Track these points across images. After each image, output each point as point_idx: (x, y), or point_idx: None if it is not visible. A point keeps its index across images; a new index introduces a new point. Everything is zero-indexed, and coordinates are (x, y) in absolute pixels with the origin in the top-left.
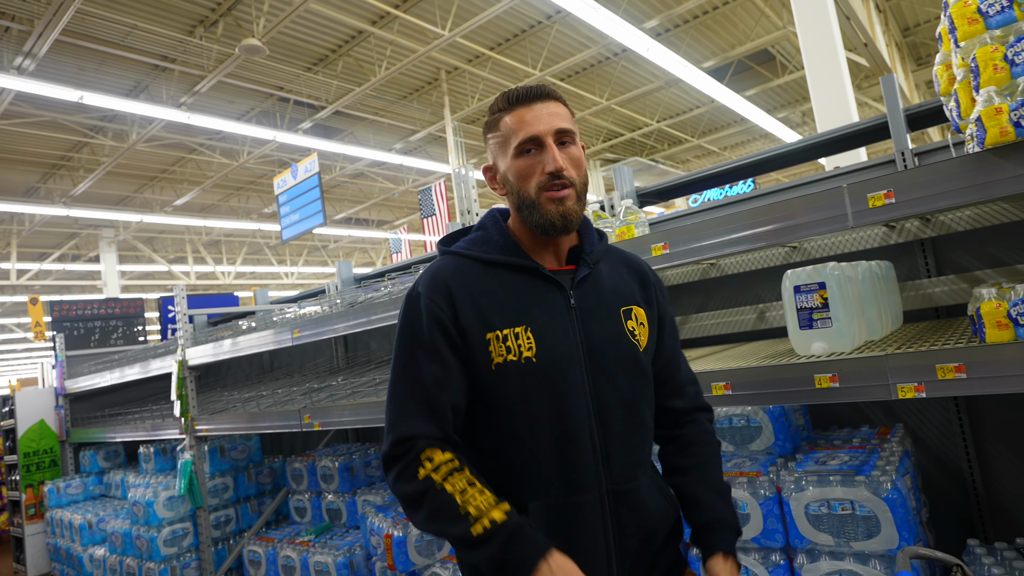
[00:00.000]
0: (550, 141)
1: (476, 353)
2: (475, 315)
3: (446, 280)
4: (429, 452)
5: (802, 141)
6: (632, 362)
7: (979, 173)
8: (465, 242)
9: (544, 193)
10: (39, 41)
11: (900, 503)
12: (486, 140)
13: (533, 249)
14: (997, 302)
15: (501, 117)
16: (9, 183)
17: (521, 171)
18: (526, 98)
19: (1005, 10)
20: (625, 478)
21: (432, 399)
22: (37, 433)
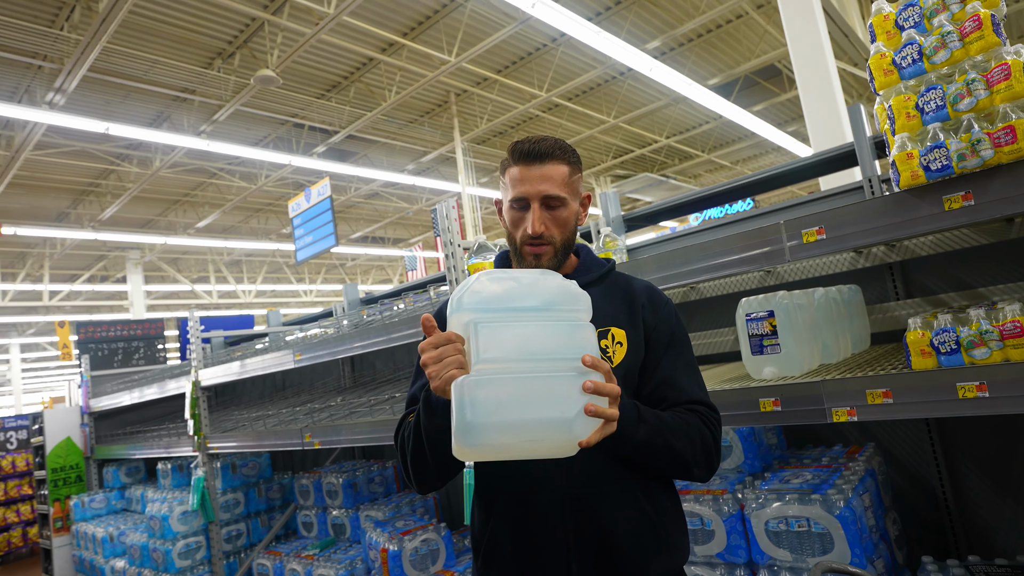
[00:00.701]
0: (535, 205)
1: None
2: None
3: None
4: (410, 417)
5: (777, 168)
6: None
7: (899, 212)
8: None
9: (525, 246)
10: (68, 78)
11: (852, 521)
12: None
13: None
14: (922, 331)
15: (508, 167)
16: (42, 209)
17: (512, 221)
18: (527, 157)
19: (916, 62)
20: (586, 483)
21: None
22: (64, 450)
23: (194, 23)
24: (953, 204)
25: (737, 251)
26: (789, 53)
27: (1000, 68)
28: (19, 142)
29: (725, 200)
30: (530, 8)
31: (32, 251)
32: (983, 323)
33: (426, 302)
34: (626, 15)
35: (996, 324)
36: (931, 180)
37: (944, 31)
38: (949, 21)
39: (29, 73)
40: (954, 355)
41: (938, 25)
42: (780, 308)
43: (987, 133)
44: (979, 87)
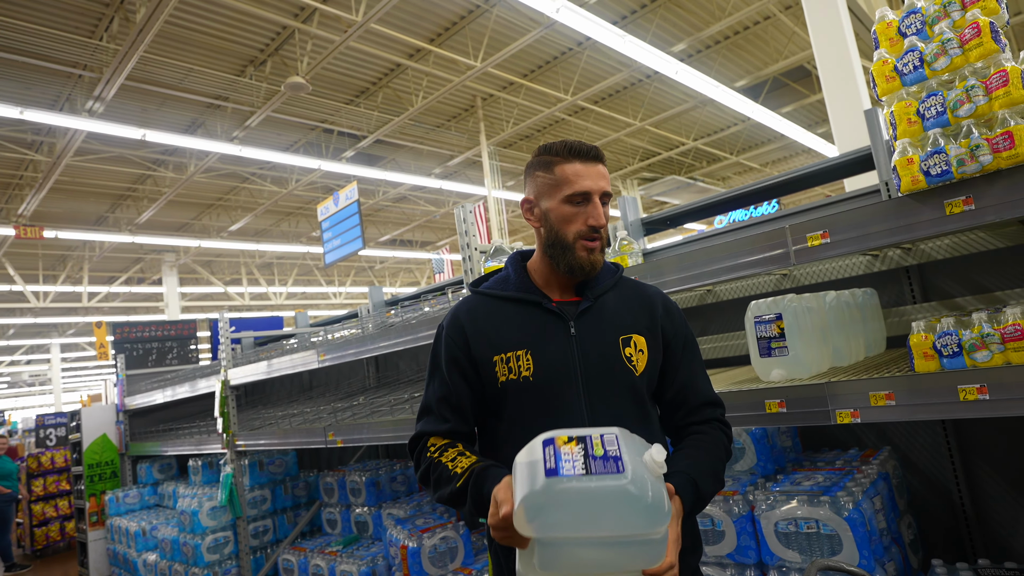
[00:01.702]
0: (596, 199)
1: (487, 374)
2: (485, 343)
3: (462, 318)
4: (432, 440)
5: (799, 170)
6: (628, 386)
7: (901, 216)
8: (490, 282)
9: (581, 241)
10: (107, 87)
11: (861, 523)
12: (532, 174)
13: (546, 283)
14: (925, 334)
15: (558, 163)
16: (82, 213)
17: (565, 216)
18: (586, 156)
19: (917, 69)
20: None
21: (439, 409)
22: (100, 446)
23: (227, 32)
24: (954, 209)
25: (744, 255)
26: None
27: (999, 75)
28: (60, 148)
29: (746, 203)
30: (554, 13)
31: (72, 254)
32: (985, 326)
33: (445, 304)
34: (652, 18)
35: (997, 327)
36: (931, 185)
37: (944, 38)
38: (950, 28)
39: (70, 82)
40: (956, 358)
41: (939, 32)
42: (788, 311)
43: (986, 139)
44: (978, 93)
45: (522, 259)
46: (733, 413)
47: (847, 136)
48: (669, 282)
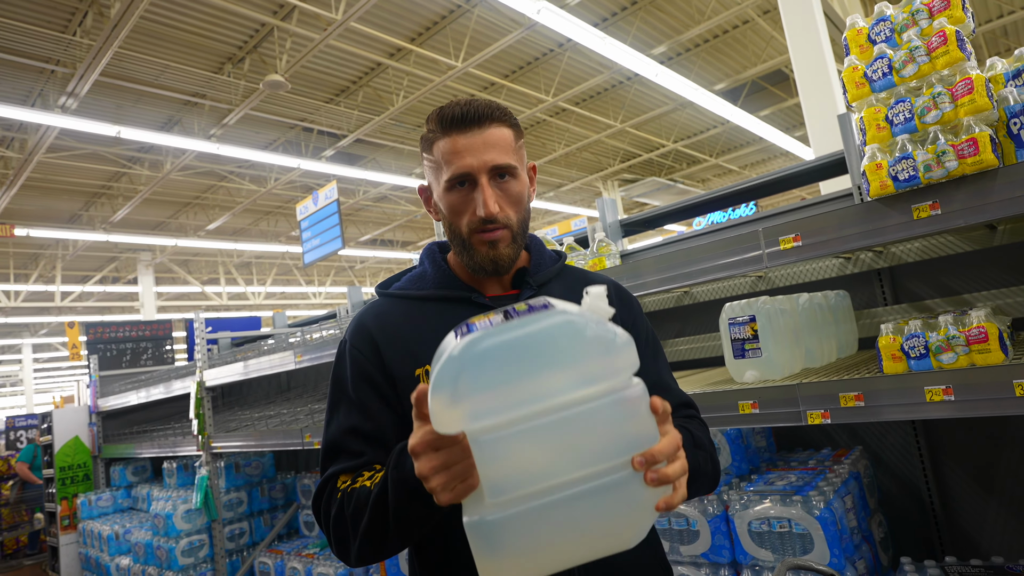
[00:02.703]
0: (484, 180)
1: (408, 392)
2: (402, 354)
3: (368, 325)
4: (342, 477)
5: (774, 173)
6: None
7: (870, 220)
8: (402, 282)
9: (476, 235)
10: (81, 82)
11: (832, 522)
12: (422, 156)
13: (470, 279)
14: (893, 336)
15: (434, 140)
16: (54, 211)
17: (453, 206)
18: (460, 122)
19: (886, 76)
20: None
21: (349, 443)
22: (72, 449)
23: (204, 29)
24: (921, 213)
25: (720, 257)
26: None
27: (964, 82)
28: (32, 145)
29: (725, 205)
30: (535, 14)
31: (44, 252)
32: (951, 329)
33: None
34: (632, 21)
35: (963, 330)
36: (899, 190)
37: (912, 46)
38: (918, 36)
39: (42, 77)
40: (923, 359)
41: (907, 40)
42: (761, 313)
43: (952, 145)
44: (945, 100)
45: (440, 250)
46: (708, 414)
47: (822, 140)
48: (648, 283)
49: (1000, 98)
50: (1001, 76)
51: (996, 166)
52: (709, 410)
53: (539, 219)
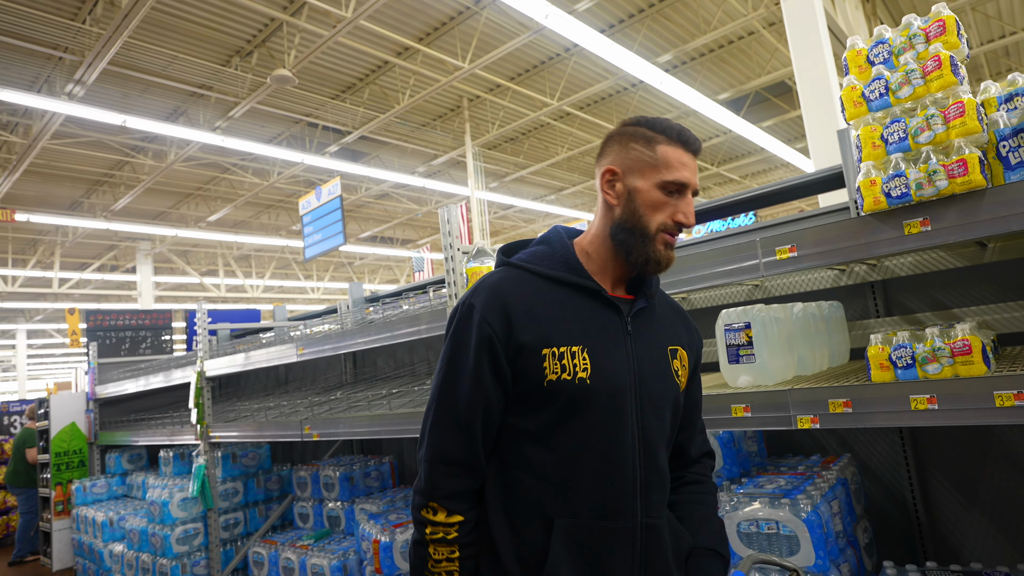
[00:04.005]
0: (689, 195)
1: (530, 368)
2: (533, 330)
3: (504, 294)
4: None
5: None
6: (673, 400)
7: (863, 234)
8: (526, 254)
9: (663, 234)
10: (89, 70)
11: (818, 525)
12: (625, 145)
13: (601, 271)
14: (881, 347)
15: (662, 142)
16: (55, 197)
17: (655, 203)
18: (690, 145)
19: (883, 96)
20: (657, 512)
21: (462, 422)
22: (68, 435)
23: (214, 21)
24: (912, 229)
25: (717, 264)
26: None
27: (956, 105)
28: (37, 131)
29: (725, 214)
30: (544, 19)
31: (44, 238)
32: (937, 340)
33: (426, 303)
34: (639, 28)
35: (948, 342)
36: (892, 206)
37: (909, 68)
38: (914, 59)
39: (50, 64)
40: (909, 369)
41: (904, 63)
42: (756, 320)
43: (943, 165)
44: (937, 122)
45: (567, 235)
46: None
47: (822, 153)
48: None
49: (991, 121)
50: (994, 99)
51: (984, 186)
52: (703, 412)
53: (540, 222)
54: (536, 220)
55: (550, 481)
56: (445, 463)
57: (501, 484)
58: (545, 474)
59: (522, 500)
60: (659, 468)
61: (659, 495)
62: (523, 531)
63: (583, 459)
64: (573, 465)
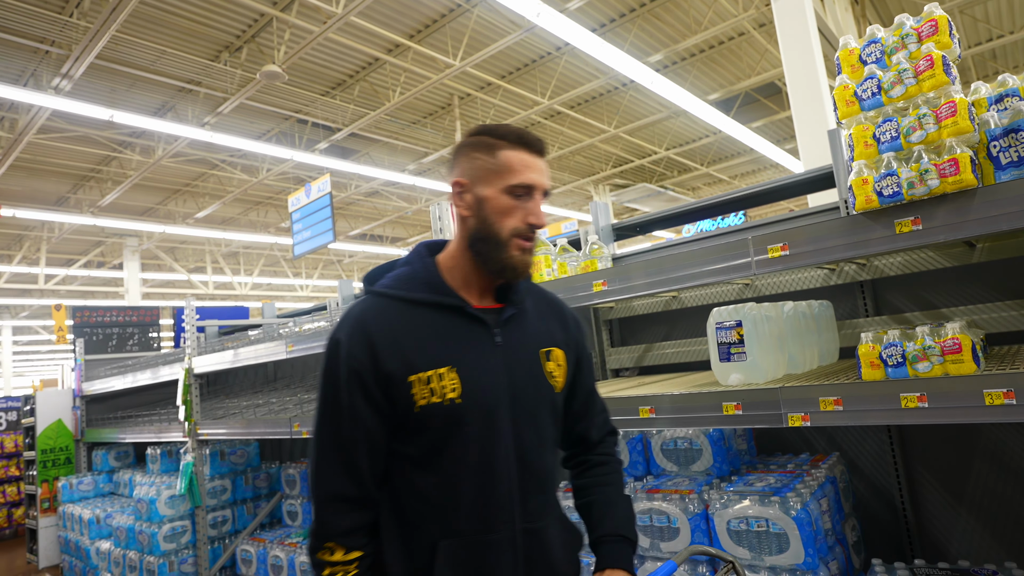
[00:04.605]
0: (539, 196)
1: (400, 396)
2: (398, 358)
3: (367, 325)
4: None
5: (764, 184)
6: (550, 403)
7: (855, 233)
8: (389, 279)
9: (516, 239)
10: (76, 64)
11: (808, 523)
12: (468, 155)
13: (465, 284)
14: (872, 345)
15: (503, 148)
16: (41, 192)
17: (504, 209)
18: (533, 147)
19: (875, 95)
20: (538, 516)
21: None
22: (55, 431)
23: (203, 16)
24: (903, 228)
25: (710, 263)
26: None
27: (948, 105)
28: (23, 125)
29: (715, 213)
30: (535, 17)
31: (30, 234)
32: (927, 339)
33: None
34: (630, 28)
35: (938, 340)
36: (883, 205)
37: (901, 68)
38: (906, 59)
39: (36, 58)
40: (900, 368)
41: (896, 62)
42: (748, 318)
43: (934, 164)
44: (929, 121)
45: (429, 252)
46: (693, 414)
47: (812, 153)
48: (637, 286)
49: (982, 121)
50: (984, 100)
51: (975, 186)
52: (695, 410)
53: None
54: None
55: (432, 503)
56: (335, 501)
57: (392, 512)
58: (428, 497)
59: (411, 525)
60: (536, 473)
61: (538, 499)
62: (415, 556)
63: (461, 477)
64: (453, 485)
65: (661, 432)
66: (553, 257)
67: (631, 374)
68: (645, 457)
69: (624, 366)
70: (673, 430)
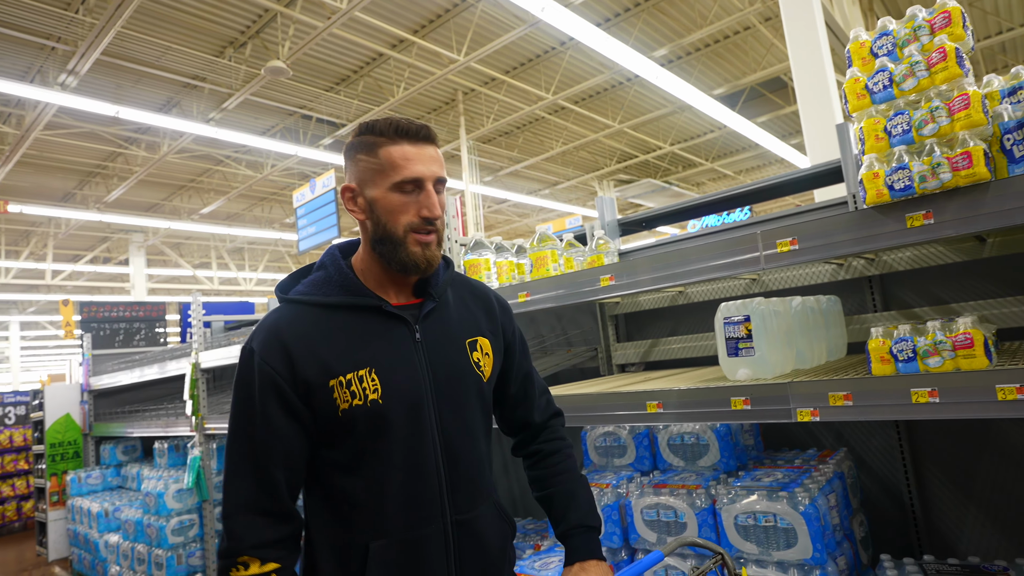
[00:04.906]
0: (430, 187)
1: (320, 402)
2: (316, 364)
3: (282, 333)
4: (247, 559)
5: (771, 179)
6: (477, 393)
7: (865, 227)
8: (305, 285)
9: (413, 234)
10: (81, 60)
11: (816, 518)
12: (353, 158)
13: (380, 284)
14: (882, 340)
15: (383, 145)
16: (48, 188)
17: (394, 207)
18: (415, 136)
19: (887, 88)
20: (468, 507)
21: (260, 471)
22: (63, 426)
23: (208, 11)
24: (915, 222)
25: (718, 257)
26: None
27: (961, 98)
28: (29, 122)
29: (721, 208)
30: (539, 12)
31: (36, 230)
32: (938, 334)
33: None
34: (635, 22)
35: (950, 335)
36: (895, 199)
37: (913, 60)
38: (919, 51)
39: (42, 54)
40: (910, 363)
41: (908, 55)
42: (756, 313)
43: (947, 157)
44: (942, 114)
45: (343, 255)
46: (702, 408)
47: (819, 148)
48: (644, 281)
49: (995, 114)
50: (997, 93)
51: (988, 179)
52: (703, 405)
53: (534, 216)
54: (530, 214)
55: (362, 506)
56: (249, 513)
57: (321, 518)
58: (357, 500)
59: (341, 529)
60: (465, 465)
61: (468, 491)
62: (347, 562)
63: (390, 478)
64: (381, 485)
65: (668, 427)
66: (560, 252)
67: (637, 369)
68: (652, 452)
69: (630, 361)
70: (680, 425)
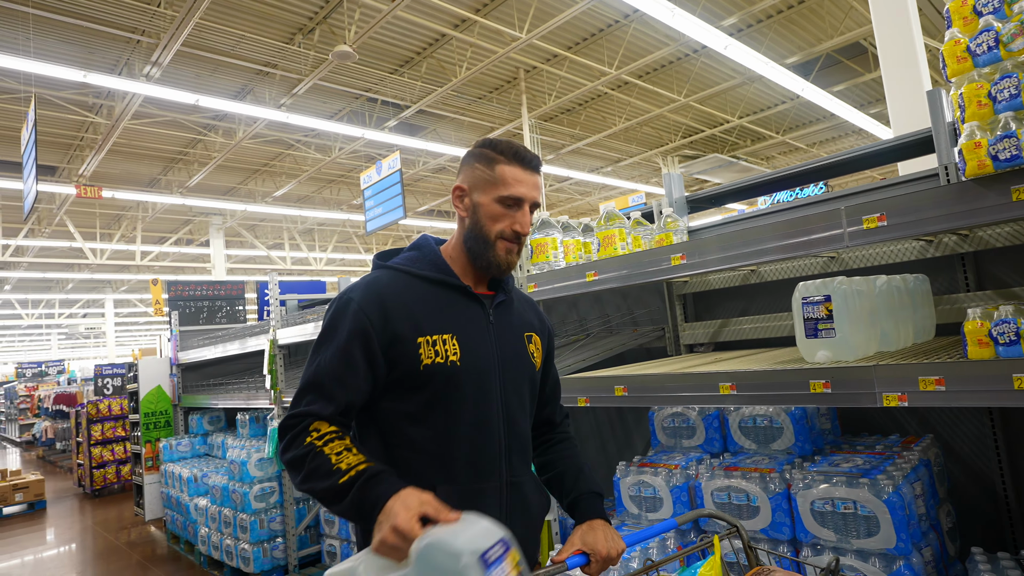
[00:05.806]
0: (527, 207)
1: (407, 355)
2: (408, 321)
3: (380, 290)
4: (317, 424)
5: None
6: (530, 378)
7: (962, 201)
8: (400, 259)
9: (502, 241)
10: (164, 52)
11: (900, 506)
12: (471, 165)
13: (464, 272)
14: (980, 321)
15: (500, 163)
16: (136, 175)
17: (494, 215)
18: (527, 163)
19: (992, 49)
20: (520, 471)
21: (331, 386)
22: (155, 396)
23: None
24: (1022, 195)
25: (797, 235)
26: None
27: None
28: (119, 112)
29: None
30: None
31: (127, 214)
32: None
33: None
34: None
35: None
36: (999, 170)
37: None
38: None
39: (129, 47)
40: (1013, 346)
41: (1018, 11)
42: (837, 293)
43: None
44: None
45: (436, 244)
46: (776, 392)
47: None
48: (717, 259)
49: None
50: None
51: None
52: (778, 388)
53: (596, 193)
54: (592, 192)
55: (430, 454)
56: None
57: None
58: (424, 448)
59: (405, 473)
60: (520, 435)
61: (521, 457)
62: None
63: (457, 432)
64: (449, 438)
65: (739, 409)
66: (627, 231)
67: (706, 350)
68: (722, 434)
69: (698, 341)
70: (752, 407)
